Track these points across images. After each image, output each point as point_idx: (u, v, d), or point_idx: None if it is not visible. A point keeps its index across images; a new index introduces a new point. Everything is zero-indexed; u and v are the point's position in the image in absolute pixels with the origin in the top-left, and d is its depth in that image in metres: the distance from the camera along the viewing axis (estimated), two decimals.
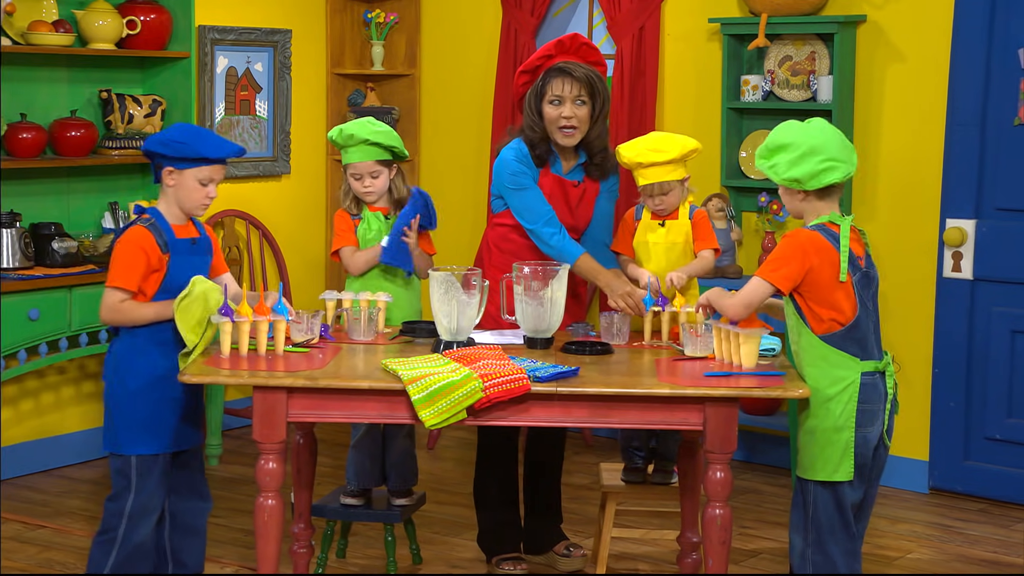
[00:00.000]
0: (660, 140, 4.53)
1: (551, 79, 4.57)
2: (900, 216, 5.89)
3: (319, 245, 7.16)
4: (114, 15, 5.95)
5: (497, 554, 4.79)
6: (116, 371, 4.18)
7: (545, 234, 4.58)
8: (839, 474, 3.88)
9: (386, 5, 7.17)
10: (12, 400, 5.94)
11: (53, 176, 5.98)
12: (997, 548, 5.28)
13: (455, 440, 6.58)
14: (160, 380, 4.12)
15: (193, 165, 4.14)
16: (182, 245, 4.18)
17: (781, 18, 5.96)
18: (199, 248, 4.24)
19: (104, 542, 4.17)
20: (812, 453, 3.90)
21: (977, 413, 5.77)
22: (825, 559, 3.90)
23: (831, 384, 3.88)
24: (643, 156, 4.48)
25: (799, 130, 3.95)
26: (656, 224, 4.58)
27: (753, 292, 3.93)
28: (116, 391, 4.17)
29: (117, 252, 4.13)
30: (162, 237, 4.14)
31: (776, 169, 3.93)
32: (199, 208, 4.20)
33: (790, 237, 3.92)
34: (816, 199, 3.94)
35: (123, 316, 4.12)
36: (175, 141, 4.14)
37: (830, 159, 3.89)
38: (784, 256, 3.89)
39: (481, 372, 3.85)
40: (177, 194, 4.17)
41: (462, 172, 7.10)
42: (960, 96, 5.72)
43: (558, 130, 4.58)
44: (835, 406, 3.87)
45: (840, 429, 3.87)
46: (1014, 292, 5.68)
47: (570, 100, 4.56)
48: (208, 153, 4.14)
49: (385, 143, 4.64)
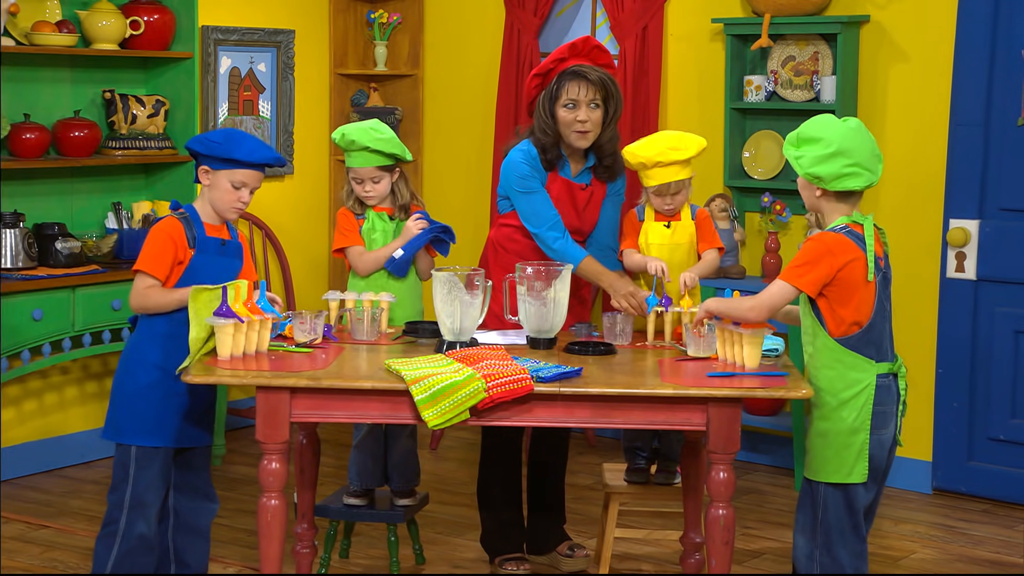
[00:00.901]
0: (675, 139, 4.53)
1: (566, 82, 4.56)
2: (903, 216, 5.89)
3: (322, 245, 7.16)
4: (117, 15, 5.95)
5: (500, 554, 4.79)
6: (128, 360, 4.20)
7: (549, 238, 4.58)
8: (853, 476, 3.86)
9: (389, 5, 7.17)
10: (15, 400, 5.94)
11: (56, 176, 5.99)
12: (1000, 549, 5.27)
13: (458, 440, 6.58)
14: (171, 374, 4.12)
15: (225, 167, 4.18)
16: (211, 244, 4.20)
17: (784, 18, 5.96)
18: (228, 250, 4.26)
19: (107, 535, 4.19)
20: (825, 456, 3.89)
21: (981, 414, 5.77)
22: (833, 562, 3.89)
23: (847, 387, 3.86)
24: (664, 155, 4.47)
25: (835, 128, 3.88)
26: (661, 226, 4.58)
27: (778, 295, 3.88)
28: (125, 380, 4.19)
29: (147, 239, 4.18)
30: (192, 231, 4.18)
31: (801, 161, 3.88)
32: (230, 211, 4.23)
33: (816, 240, 3.87)
34: (834, 199, 3.91)
35: (149, 301, 4.14)
36: (211, 141, 4.19)
37: (856, 164, 3.85)
38: (811, 259, 3.84)
39: (484, 372, 3.85)
40: (211, 194, 4.22)
41: (465, 172, 7.10)
42: (963, 96, 5.72)
43: (573, 132, 4.58)
44: (851, 409, 3.86)
45: (856, 431, 3.86)
46: (1018, 292, 5.67)
47: (585, 104, 4.55)
48: (240, 156, 4.17)
49: (387, 151, 4.64)
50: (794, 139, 3.94)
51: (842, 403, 3.87)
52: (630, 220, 4.64)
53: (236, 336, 4.00)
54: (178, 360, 4.06)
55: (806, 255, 3.86)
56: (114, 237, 5.94)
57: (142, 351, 4.18)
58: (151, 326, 4.17)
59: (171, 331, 4.15)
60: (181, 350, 4.08)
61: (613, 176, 4.72)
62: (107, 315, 5.78)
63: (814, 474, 3.91)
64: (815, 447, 3.91)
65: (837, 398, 3.87)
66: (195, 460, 4.31)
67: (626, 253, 4.62)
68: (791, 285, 3.86)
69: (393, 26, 7.11)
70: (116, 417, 4.20)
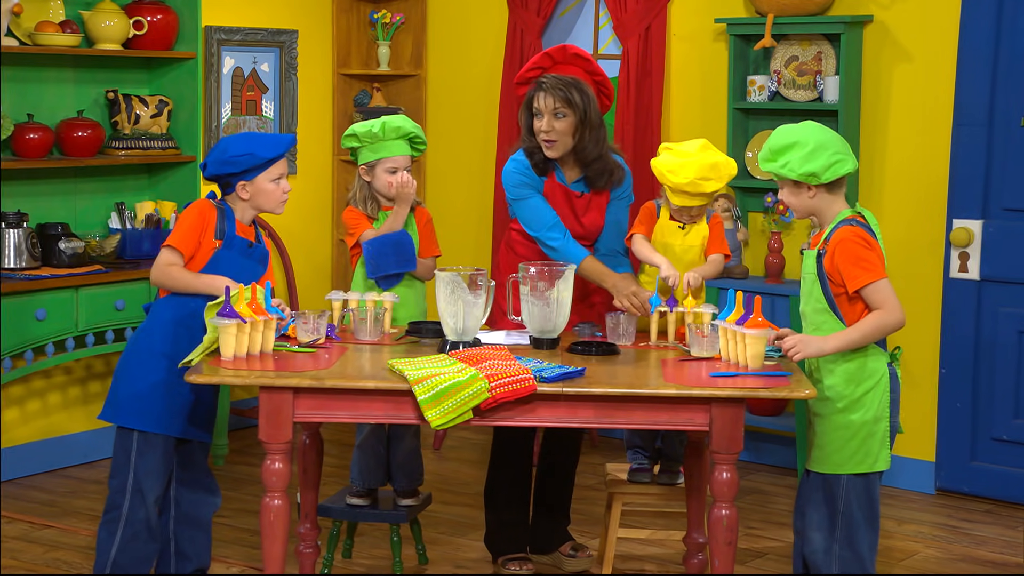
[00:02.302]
0: (709, 168, 4.43)
1: (533, 93, 4.62)
2: (907, 216, 5.88)
3: (325, 245, 7.16)
4: (121, 16, 5.96)
5: (503, 554, 4.79)
6: (138, 345, 4.22)
7: (549, 239, 4.59)
8: (880, 463, 3.96)
9: (392, 5, 7.17)
10: (18, 400, 5.95)
11: (60, 176, 5.99)
12: (1003, 549, 5.27)
13: (461, 440, 6.58)
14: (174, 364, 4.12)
15: (262, 170, 4.20)
16: (238, 243, 4.22)
17: (787, 18, 5.95)
18: (253, 254, 4.28)
19: (109, 521, 4.21)
20: (851, 447, 3.94)
21: (984, 414, 5.77)
22: (853, 555, 3.95)
23: (868, 377, 3.94)
24: (694, 186, 4.42)
25: (801, 130, 3.99)
26: (676, 227, 4.57)
27: (889, 293, 3.91)
28: (131, 364, 4.20)
29: (182, 216, 4.21)
30: (223, 223, 4.20)
31: (790, 166, 3.94)
32: (280, 205, 4.28)
33: (849, 240, 3.90)
34: (826, 193, 3.97)
35: (168, 279, 4.16)
36: (238, 156, 4.20)
37: (838, 152, 3.95)
38: (865, 252, 3.89)
39: (487, 372, 3.85)
40: (256, 202, 4.26)
41: (467, 172, 7.10)
42: (967, 96, 5.72)
43: (541, 142, 4.61)
44: (872, 397, 3.94)
45: (879, 419, 3.95)
46: (1021, 292, 5.67)
47: (548, 113, 4.57)
48: (271, 154, 4.21)
49: (422, 137, 4.76)
50: (767, 154, 4.01)
51: (864, 393, 3.94)
52: (648, 210, 4.61)
53: (239, 336, 4.00)
54: (186, 351, 4.08)
55: (857, 251, 3.89)
56: (117, 237, 5.94)
57: (151, 338, 4.20)
58: (162, 313, 4.20)
59: (180, 318, 4.17)
60: (189, 340, 4.10)
61: (608, 184, 4.70)
62: (110, 315, 5.78)
63: (837, 467, 3.95)
64: (836, 441, 3.95)
65: (859, 389, 3.94)
66: (194, 455, 4.33)
67: (637, 239, 4.58)
68: (880, 280, 3.89)
69: (396, 26, 7.11)
70: (118, 400, 4.20)
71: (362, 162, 4.70)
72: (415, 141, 4.74)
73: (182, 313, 4.17)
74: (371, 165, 4.69)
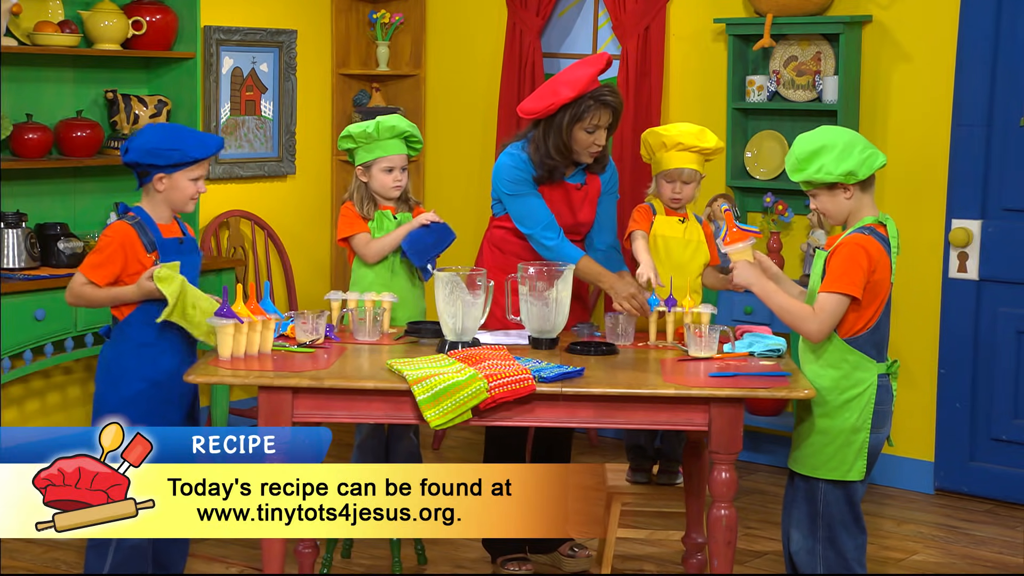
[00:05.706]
0: (699, 129, 4.58)
1: (594, 109, 4.53)
2: (906, 216, 5.88)
3: (324, 245, 7.16)
4: (120, 16, 5.96)
5: (502, 554, 4.79)
6: (110, 372, 4.20)
7: (544, 238, 4.58)
8: (852, 473, 3.91)
9: (391, 5, 7.17)
10: (18, 400, 5.95)
11: (59, 176, 5.99)
12: (1003, 549, 5.27)
13: (460, 440, 6.58)
14: (152, 386, 4.13)
15: (184, 167, 4.18)
16: (170, 245, 4.21)
17: (786, 18, 5.96)
18: (186, 248, 4.28)
19: (97, 544, 4.19)
20: (827, 453, 3.92)
21: (983, 414, 5.77)
22: (837, 554, 3.92)
23: (852, 386, 3.89)
24: (686, 139, 4.51)
25: (824, 133, 3.92)
26: (675, 220, 4.59)
27: (838, 308, 3.84)
28: (107, 392, 4.19)
29: (99, 245, 4.19)
30: (147, 236, 4.17)
31: (826, 168, 3.86)
32: (190, 204, 4.24)
33: (849, 244, 3.86)
34: (862, 193, 3.91)
35: (81, 299, 4.19)
36: (167, 149, 4.15)
37: (867, 147, 3.89)
38: (851, 264, 3.83)
39: (486, 372, 3.85)
40: (168, 196, 4.21)
41: (467, 172, 7.10)
42: (966, 96, 5.72)
43: (586, 152, 4.60)
44: (854, 408, 3.89)
45: (858, 430, 3.90)
46: (1020, 293, 5.67)
47: (603, 128, 4.59)
48: (198, 154, 4.19)
49: (418, 136, 4.75)
50: (796, 164, 3.91)
51: (846, 402, 3.90)
52: (643, 210, 4.62)
53: (237, 336, 4.00)
54: (157, 367, 4.12)
55: (844, 260, 3.84)
56: None
57: (122, 363, 4.18)
58: (124, 339, 4.19)
59: (145, 340, 4.17)
60: (158, 357, 4.13)
61: (603, 166, 4.73)
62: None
63: (812, 470, 3.94)
64: (815, 444, 3.93)
65: (842, 397, 3.90)
66: None
67: (635, 234, 4.58)
68: (840, 294, 3.84)
69: (395, 26, 7.11)
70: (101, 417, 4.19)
71: (358, 163, 4.70)
72: (411, 140, 4.73)
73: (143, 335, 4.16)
74: (367, 165, 4.69)
